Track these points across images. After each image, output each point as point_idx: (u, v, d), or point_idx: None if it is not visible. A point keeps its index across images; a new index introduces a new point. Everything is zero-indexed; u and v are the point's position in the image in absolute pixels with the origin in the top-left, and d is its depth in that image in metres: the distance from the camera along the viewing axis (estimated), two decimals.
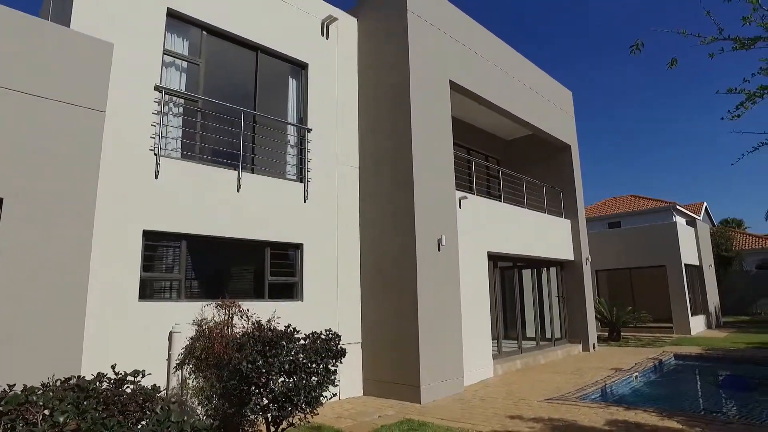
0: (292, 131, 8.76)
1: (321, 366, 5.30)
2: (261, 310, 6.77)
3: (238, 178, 7.33)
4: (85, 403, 3.30)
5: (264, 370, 4.96)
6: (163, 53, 6.97)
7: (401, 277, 8.21)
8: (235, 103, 7.63)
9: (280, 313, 6.88)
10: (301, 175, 8.40)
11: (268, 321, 6.01)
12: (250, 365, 4.96)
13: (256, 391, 5.03)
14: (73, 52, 5.14)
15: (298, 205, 8.13)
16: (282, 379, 5.10)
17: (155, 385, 3.92)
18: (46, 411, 3.08)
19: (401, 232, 8.34)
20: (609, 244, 20.19)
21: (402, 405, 7.49)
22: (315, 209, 8.35)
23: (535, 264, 13.02)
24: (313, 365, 5.24)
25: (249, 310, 6.50)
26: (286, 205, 7.95)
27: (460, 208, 9.63)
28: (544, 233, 12.77)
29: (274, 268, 7.74)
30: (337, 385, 5.76)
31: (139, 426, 3.36)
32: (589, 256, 14.32)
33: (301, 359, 5.18)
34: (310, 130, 8.57)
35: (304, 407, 5.11)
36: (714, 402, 9.32)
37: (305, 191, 8.23)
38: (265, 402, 5.06)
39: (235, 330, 6.19)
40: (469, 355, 9.06)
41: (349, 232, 8.88)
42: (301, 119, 8.73)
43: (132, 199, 6.18)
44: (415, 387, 7.70)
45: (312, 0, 9.11)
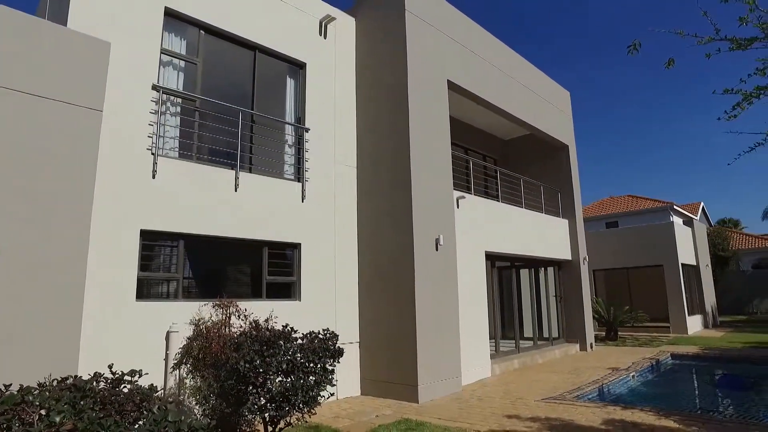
0: (289, 131, 8.75)
1: (318, 365, 5.31)
2: (259, 309, 6.76)
3: (236, 178, 7.32)
4: (81, 403, 3.30)
5: (261, 370, 4.96)
6: (161, 52, 6.95)
7: (399, 277, 8.22)
8: (232, 103, 7.62)
9: (278, 313, 6.86)
10: (298, 175, 8.39)
11: (266, 321, 6.00)
12: (248, 365, 4.96)
13: (254, 390, 5.03)
14: (69, 51, 5.12)
15: (296, 204, 8.12)
16: (279, 378, 5.11)
17: (152, 384, 3.93)
18: (42, 411, 3.08)
19: (399, 231, 8.35)
20: (606, 243, 20.22)
21: (399, 404, 7.50)
22: (313, 209, 8.34)
23: (533, 264, 13.04)
24: (311, 365, 5.25)
25: (246, 309, 6.50)
26: (284, 205, 7.94)
27: (458, 207, 9.64)
28: (542, 233, 12.79)
29: (272, 267, 7.74)
30: (335, 385, 5.76)
31: (136, 426, 3.36)
32: (587, 256, 14.36)
33: (298, 359, 5.18)
34: (308, 130, 8.57)
35: (302, 407, 5.12)
36: (710, 401, 9.34)
37: (303, 191, 8.23)
38: (263, 402, 5.06)
39: (232, 330, 6.18)
40: (467, 354, 9.07)
41: (346, 231, 8.88)
42: (299, 119, 8.72)
43: (129, 199, 6.17)
44: (412, 386, 7.71)
45: None
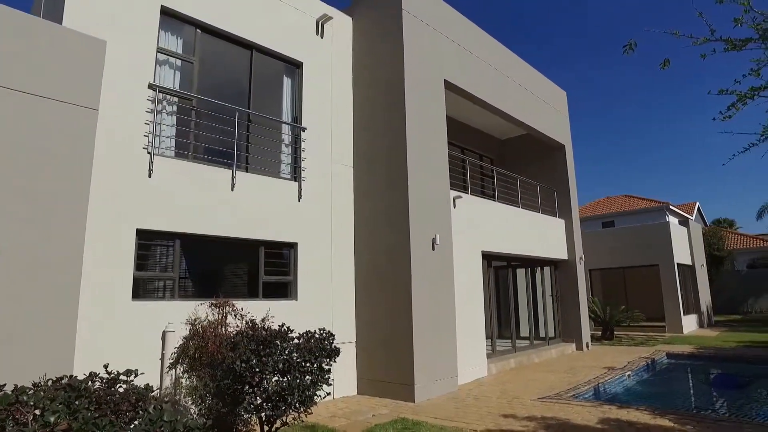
0: (286, 130, 8.74)
1: (315, 365, 5.30)
2: (255, 309, 6.75)
3: (233, 177, 7.30)
4: (76, 402, 3.28)
5: (258, 369, 4.95)
6: (157, 51, 6.93)
7: (396, 277, 8.22)
8: (229, 102, 7.60)
9: (274, 313, 6.86)
10: (295, 174, 8.38)
11: (262, 320, 5.99)
12: (244, 364, 4.95)
13: (250, 390, 5.02)
14: (65, 49, 5.10)
15: (293, 204, 8.11)
16: (276, 378, 5.10)
17: (148, 384, 3.91)
18: (36, 411, 3.06)
19: (396, 231, 8.35)
20: (602, 243, 20.29)
21: (396, 404, 7.50)
22: (309, 208, 8.33)
23: (529, 263, 13.06)
24: (307, 364, 5.24)
25: (243, 309, 6.49)
26: (281, 204, 7.93)
27: (455, 207, 9.65)
28: (538, 233, 12.82)
29: (269, 267, 7.73)
30: (331, 384, 5.75)
31: (132, 425, 3.34)
32: (583, 256, 14.40)
33: (295, 358, 5.17)
34: (304, 129, 8.56)
35: (298, 406, 5.11)
36: (705, 400, 9.40)
37: (299, 190, 8.22)
38: (259, 401, 5.05)
39: (228, 329, 6.17)
40: (463, 354, 9.09)
41: (343, 231, 8.87)
42: (296, 118, 8.71)
43: (125, 198, 6.15)
44: (409, 386, 7.71)
45: None
